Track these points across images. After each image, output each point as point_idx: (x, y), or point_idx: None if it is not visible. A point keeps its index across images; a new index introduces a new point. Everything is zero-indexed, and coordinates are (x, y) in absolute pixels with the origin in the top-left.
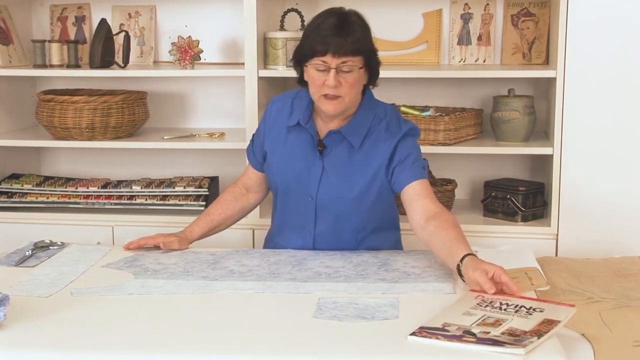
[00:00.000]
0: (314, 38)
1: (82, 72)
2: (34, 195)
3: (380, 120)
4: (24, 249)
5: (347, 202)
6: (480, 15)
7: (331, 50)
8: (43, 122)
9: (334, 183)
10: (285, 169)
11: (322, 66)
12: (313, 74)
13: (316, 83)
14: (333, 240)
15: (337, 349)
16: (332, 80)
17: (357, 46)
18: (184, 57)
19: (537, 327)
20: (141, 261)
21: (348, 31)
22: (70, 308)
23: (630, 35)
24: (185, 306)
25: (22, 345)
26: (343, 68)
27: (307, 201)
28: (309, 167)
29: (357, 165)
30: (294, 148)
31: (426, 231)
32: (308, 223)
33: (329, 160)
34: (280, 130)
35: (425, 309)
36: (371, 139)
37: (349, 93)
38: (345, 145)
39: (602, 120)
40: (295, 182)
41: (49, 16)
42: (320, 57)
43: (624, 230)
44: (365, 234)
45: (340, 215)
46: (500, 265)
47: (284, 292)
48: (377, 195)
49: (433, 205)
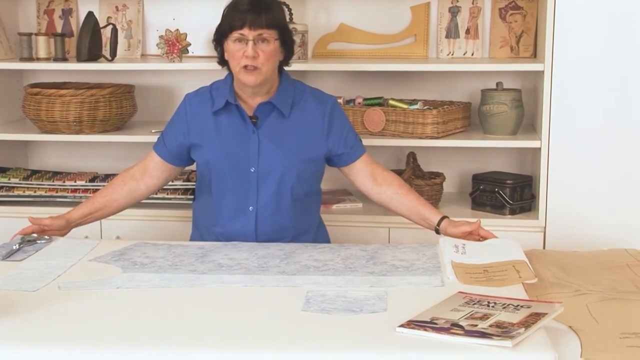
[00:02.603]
0: (232, 15)
1: (69, 65)
2: (21, 189)
3: (302, 92)
4: (11, 244)
5: (286, 167)
6: (468, 8)
7: (248, 23)
8: (30, 116)
9: (272, 151)
10: (221, 150)
11: (241, 37)
12: (232, 48)
13: (236, 56)
14: (274, 207)
15: (326, 342)
16: (251, 51)
17: (271, 21)
18: (171, 50)
19: (524, 319)
20: (129, 255)
21: (262, 7)
22: (57, 302)
23: (617, 28)
24: (174, 300)
25: (8, 339)
26: (260, 39)
27: (249, 174)
28: (244, 142)
29: (289, 132)
30: (226, 129)
31: (383, 195)
32: (250, 197)
33: (263, 131)
34: (206, 120)
35: (413, 302)
36: (298, 107)
37: (266, 64)
38: (275, 115)
39: (590, 113)
40: (234, 160)
41: (36, 9)
42: (238, 31)
43: (611, 224)
44: (300, 197)
45: (281, 181)
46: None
47: (272, 286)
48: (311, 159)
49: (379, 168)
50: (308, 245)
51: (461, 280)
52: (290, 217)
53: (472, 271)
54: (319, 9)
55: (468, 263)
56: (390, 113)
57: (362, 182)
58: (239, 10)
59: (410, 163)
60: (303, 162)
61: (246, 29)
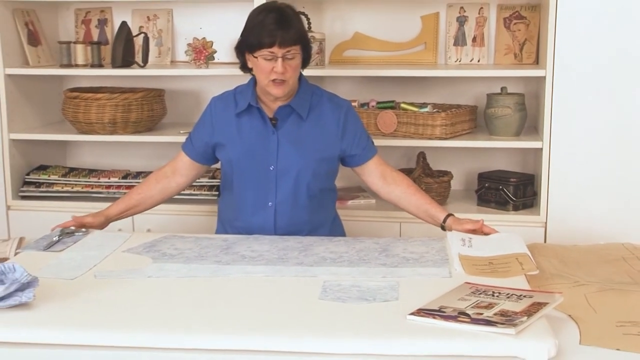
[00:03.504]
0: (260, 32)
1: (104, 71)
2: (59, 185)
3: (320, 97)
4: (52, 235)
5: (302, 166)
6: (474, 18)
7: (278, 42)
8: (68, 118)
9: (290, 151)
10: (243, 149)
11: (270, 56)
12: (261, 63)
13: (265, 71)
14: (291, 203)
15: (341, 329)
16: (281, 67)
17: (297, 36)
18: (198, 57)
19: (527, 308)
20: (159, 246)
21: (289, 24)
22: (93, 289)
23: (614, 37)
24: (200, 288)
25: (49, 323)
26: (287, 56)
27: (268, 172)
28: (265, 142)
29: (307, 133)
30: (248, 129)
31: (392, 194)
32: (269, 193)
33: (282, 133)
34: (230, 121)
35: (423, 292)
36: (315, 111)
37: (293, 76)
38: (293, 117)
39: (589, 116)
40: (255, 158)
41: (74, 19)
42: (267, 49)
43: (608, 219)
44: (315, 193)
45: (298, 178)
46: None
47: (291, 276)
48: (326, 159)
49: (388, 169)
50: (324, 239)
51: (467, 272)
52: (306, 212)
53: (477, 263)
54: (336, 18)
55: (474, 255)
56: (402, 115)
57: (373, 182)
58: (266, 28)
59: (420, 162)
60: (318, 161)
61: (276, 47)
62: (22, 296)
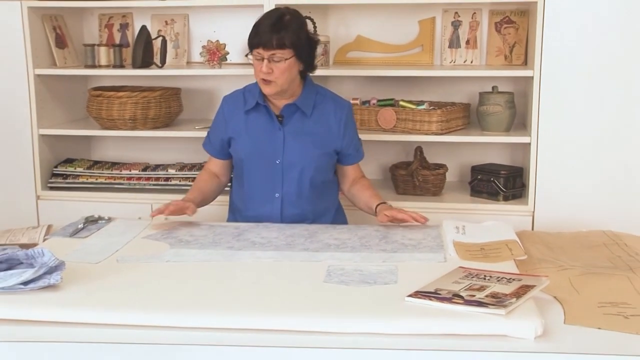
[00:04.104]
0: (253, 34)
1: (125, 71)
2: (84, 177)
3: (323, 96)
4: (77, 223)
5: (306, 160)
6: (468, 22)
7: (262, 44)
8: (92, 114)
9: (295, 146)
10: (252, 145)
11: (259, 56)
12: (254, 62)
13: (256, 69)
14: (296, 194)
15: (344, 309)
16: (265, 68)
17: (284, 42)
18: (212, 58)
19: (516, 290)
20: (176, 233)
21: (279, 29)
22: (116, 273)
23: (597, 40)
24: (214, 272)
25: (76, 304)
26: (274, 58)
27: (275, 166)
28: (271, 138)
29: (310, 130)
30: (255, 125)
31: (350, 192)
32: (276, 185)
33: (287, 129)
34: (239, 118)
35: (420, 275)
36: (319, 109)
37: (280, 77)
38: (298, 115)
39: (574, 113)
40: (262, 153)
41: (98, 23)
42: (255, 49)
43: (590, 209)
44: (318, 184)
45: (302, 171)
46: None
47: (298, 261)
48: (327, 153)
49: (359, 175)
50: (329, 226)
51: (461, 257)
52: (310, 202)
53: (470, 249)
54: (339, 23)
55: (467, 242)
56: (401, 112)
57: (343, 182)
58: (257, 31)
59: (418, 156)
60: (321, 155)
61: (261, 49)
62: (50, 279)
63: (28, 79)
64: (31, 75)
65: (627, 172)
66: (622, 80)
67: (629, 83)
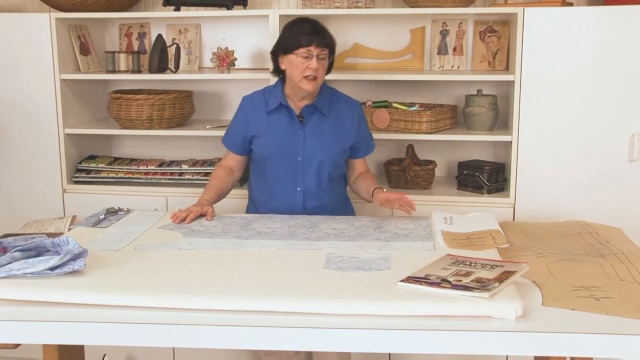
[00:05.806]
0: (298, 35)
1: (143, 76)
2: (106, 172)
3: (337, 97)
4: (99, 214)
5: (325, 156)
6: (455, 31)
7: (314, 42)
8: (113, 115)
9: (314, 144)
10: (275, 143)
11: (306, 54)
12: (297, 61)
13: (300, 67)
14: (316, 187)
15: (342, 293)
16: (315, 64)
17: (328, 42)
18: (222, 63)
19: (499, 276)
20: (188, 224)
21: (322, 31)
22: (133, 260)
23: (573, 47)
24: (223, 259)
25: (98, 288)
26: (320, 56)
27: (296, 162)
28: (293, 136)
29: (328, 128)
30: (278, 125)
31: (355, 184)
32: (297, 180)
33: (307, 128)
34: (261, 117)
35: (411, 262)
36: (334, 109)
37: (322, 75)
38: (317, 115)
39: (550, 114)
40: (285, 151)
41: (118, 32)
42: (306, 47)
43: (566, 201)
44: (334, 178)
45: (320, 166)
46: (400, 193)
47: (300, 249)
48: (343, 150)
49: (364, 168)
50: (328, 217)
51: (449, 245)
52: (327, 194)
53: (457, 238)
54: (338, 31)
55: (454, 231)
56: (394, 113)
57: (349, 175)
58: (304, 33)
59: (409, 153)
60: (337, 152)
61: (313, 47)
62: (74, 265)
63: (55, 83)
64: (57, 79)
65: (599, 167)
66: (594, 83)
67: (599, 86)
